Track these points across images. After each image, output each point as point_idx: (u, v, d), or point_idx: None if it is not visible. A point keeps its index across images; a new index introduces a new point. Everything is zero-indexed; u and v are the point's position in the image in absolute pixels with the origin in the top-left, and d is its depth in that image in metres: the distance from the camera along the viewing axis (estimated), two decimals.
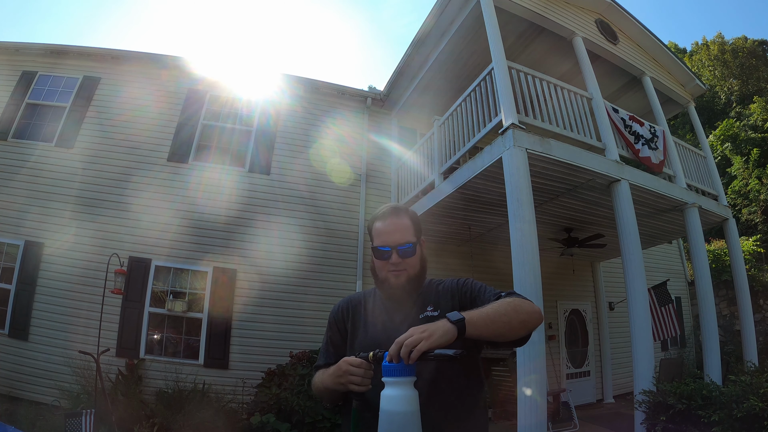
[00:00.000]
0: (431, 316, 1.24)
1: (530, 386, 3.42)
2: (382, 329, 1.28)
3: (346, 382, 1.08)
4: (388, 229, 1.28)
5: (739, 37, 22.36)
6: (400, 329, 1.16)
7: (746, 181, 15.00)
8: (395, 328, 1.22)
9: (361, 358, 1.07)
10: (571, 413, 6.05)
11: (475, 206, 5.67)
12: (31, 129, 6.59)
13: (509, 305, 1.10)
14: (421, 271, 1.33)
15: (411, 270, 1.29)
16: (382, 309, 1.34)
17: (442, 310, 1.25)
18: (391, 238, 1.27)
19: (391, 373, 0.94)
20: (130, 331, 5.71)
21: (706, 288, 5.50)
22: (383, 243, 1.27)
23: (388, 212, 1.32)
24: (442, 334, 0.96)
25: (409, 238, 1.29)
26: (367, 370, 1.07)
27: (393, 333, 1.15)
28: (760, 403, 3.27)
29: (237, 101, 7.20)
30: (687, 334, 9.80)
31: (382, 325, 1.30)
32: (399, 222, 1.30)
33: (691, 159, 6.43)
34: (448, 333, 0.97)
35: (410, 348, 0.92)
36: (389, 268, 1.27)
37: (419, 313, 1.27)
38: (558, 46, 5.80)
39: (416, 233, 1.33)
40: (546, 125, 4.64)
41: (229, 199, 6.50)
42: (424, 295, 1.33)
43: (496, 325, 1.06)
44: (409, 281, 1.28)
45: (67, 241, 5.94)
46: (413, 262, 1.29)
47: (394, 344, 0.95)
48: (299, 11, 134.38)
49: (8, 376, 5.38)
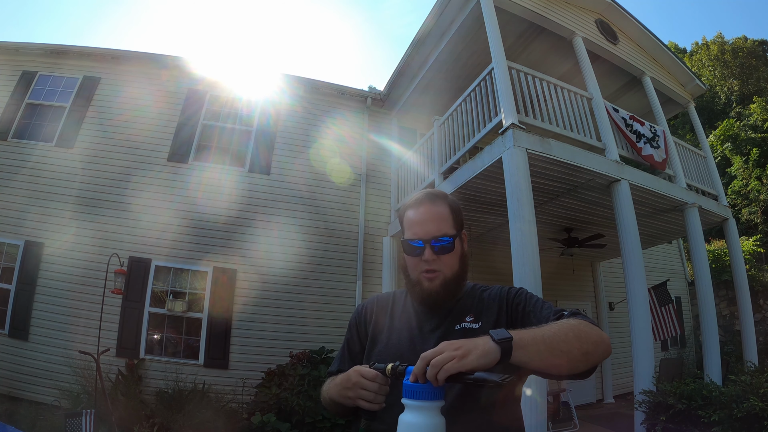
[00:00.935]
0: (470, 328, 1.05)
1: (530, 386, 3.42)
2: (407, 338, 1.09)
3: (355, 397, 0.91)
4: (422, 218, 1.07)
5: (739, 37, 22.37)
6: (428, 340, 1.04)
7: (746, 181, 15.00)
8: (424, 339, 1.06)
9: (377, 370, 0.90)
10: (571, 413, 6.05)
11: (475, 206, 5.67)
12: (31, 129, 6.59)
13: (571, 330, 0.87)
14: (461, 271, 1.11)
15: (448, 270, 1.07)
16: (411, 314, 1.14)
17: (485, 322, 1.06)
18: (424, 230, 1.06)
19: (413, 395, 0.77)
20: (130, 331, 5.71)
21: (706, 288, 5.50)
22: (415, 235, 1.06)
23: (423, 198, 1.10)
24: (481, 355, 0.76)
25: (447, 230, 1.07)
26: (382, 386, 0.89)
27: (420, 344, 1.03)
28: (760, 403, 3.27)
29: (237, 101, 7.20)
30: (687, 334, 9.80)
31: (409, 333, 1.10)
32: (435, 210, 1.08)
33: (691, 159, 6.43)
34: (489, 354, 0.76)
35: (438, 367, 0.74)
36: (422, 267, 1.06)
37: (455, 324, 1.07)
38: (558, 46, 5.80)
39: (456, 225, 1.10)
40: (546, 125, 4.64)
41: (229, 199, 6.50)
42: (463, 302, 1.12)
43: (552, 353, 0.83)
44: (444, 285, 1.06)
45: (67, 241, 5.94)
46: (451, 261, 1.07)
47: (420, 360, 0.77)
48: (299, 11, 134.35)
49: (8, 376, 5.38)
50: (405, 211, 1.13)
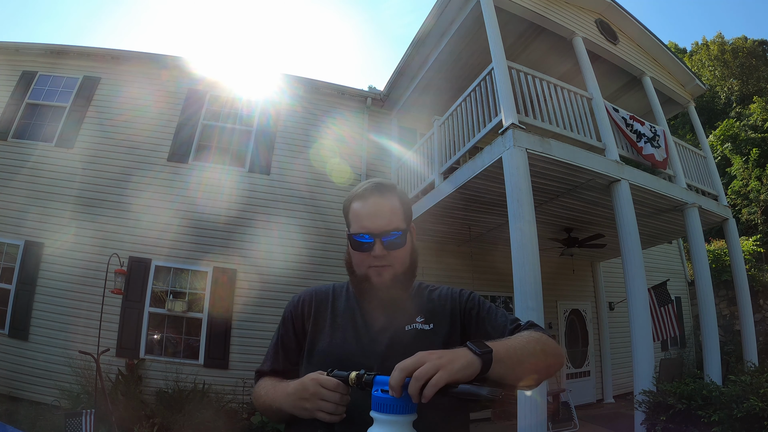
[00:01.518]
0: (422, 329, 1.00)
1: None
2: (353, 338, 1.01)
3: (314, 408, 0.83)
4: (371, 211, 1.00)
5: (739, 37, 22.39)
6: (378, 341, 0.99)
7: (746, 181, 15.00)
8: (372, 339, 1.00)
9: (337, 378, 0.81)
10: (571, 413, 6.05)
11: (475, 206, 5.67)
12: (31, 129, 6.59)
13: (538, 343, 0.86)
14: (411, 267, 1.06)
15: (398, 266, 1.01)
16: (356, 311, 1.05)
17: (437, 324, 1.02)
18: (374, 224, 0.98)
19: (385, 409, 0.70)
20: (130, 331, 5.71)
21: (706, 288, 5.50)
22: (364, 229, 0.99)
23: (371, 189, 1.02)
24: (464, 366, 0.70)
25: (398, 224, 1.00)
26: (343, 396, 0.82)
27: (368, 345, 0.98)
28: (760, 403, 3.27)
29: (237, 101, 7.20)
30: (687, 334, 9.80)
31: (354, 332, 1.02)
32: (385, 203, 1.01)
33: (691, 159, 6.43)
34: (471, 366, 0.72)
35: (423, 380, 0.67)
36: (370, 262, 1.00)
37: (405, 324, 1.01)
38: (558, 46, 5.80)
39: (406, 218, 1.04)
40: (546, 125, 4.63)
41: (229, 199, 6.50)
42: (412, 301, 1.07)
43: (523, 367, 0.81)
44: (394, 280, 1.01)
45: (67, 241, 5.94)
46: (401, 256, 1.02)
47: (397, 371, 0.69)
48: (299, 11, 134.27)
49: (8, 376, 5.38)
50: (351, 203, 1.04)
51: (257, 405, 1.05)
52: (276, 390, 0.97)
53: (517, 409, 3.49)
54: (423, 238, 7.05)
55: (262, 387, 1.04)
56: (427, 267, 7.16)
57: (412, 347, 0.87)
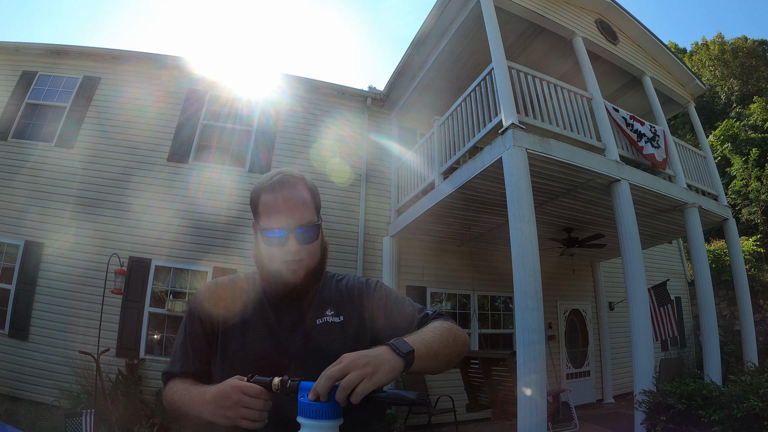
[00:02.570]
0: (332, 322, 1.01)
1: (530, 386, 3.42)
2: (267, 335, 0.99)
3: (236, 416, 0.79)
4: (282, 205, 0.94)
5: (739, 37, 22.39)
6: (292, 337, 0.98)
7: (746, 181, 14.99)
8: (286, 336, 0.99)
9: (259, 384, 0.79)
10: (571, 413, 6.04)
11: (475, 206, 5.66)
12: (31, 129, 6.59)
13: (449, 334, 0.91)
14: (322, 260, 1.03)
15: (311, 260, 0.99)
16: (266, 306, 1.02)
17: (346, 315, 1.02)
18: (286, 218, 0.94)
19: (312, 414, 0.71)
20: (130, 331, 5.71)
21: (706, 288, 5.50)
22: (276, 225, 0.94)
23: (281, 181, 0.96)
24: (389, 371, 0.73)
25: (311, 217, 0.97)
26: (266, 401, 0.79)
27: (283, 341, 0.98)
28: (760, 403, 3.27)
29: (237, 101, 7.20)
30: (687, 334, 9.80)
31: (267, 329, 0.99)
32: (297, 195, 0.96)
33: (691, 159, 6.43)
34: (395, 370, 0.74)
35: (349, 389, 0.69)
36: (283, 257, 0.95)
37: (317, 318, 1.01)
38: (558, 46, 5.80)
39: (317, 210, 1.01)
40: (546, 125, 4.63)
41: (229, 199, 6.50)
42: (321, 294, 1.06)
43: (438, 358, 0.86)
44: (308, 276, 0.98)
45: (67, 241, 5.94)
46: (313, 250, 0.99)
47: (323, 378, 0.70)
48: (299, 11, 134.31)
49: (8, 376, 5.38)
50: (260, 195, 0.97)
51: (171, 410, 0.98)
52: (191, 396, 0.91)
53: (517, 409, 3.49)
54: (423, 238, 7.05)
55: (175, 392, 0.97)
56: (427, 267, 7.16)
57: (325, 342, 0.97)
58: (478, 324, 7.25)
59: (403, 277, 6.92)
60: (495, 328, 7.57)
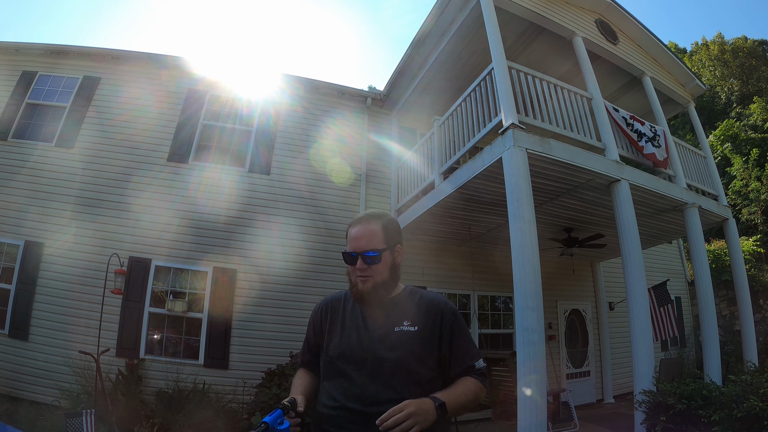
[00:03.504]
0: (407, 331, 1.28)
1: (530, 386, 3.42)
2: (356, 336, 1.31)
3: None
4: (357, 234, 1.31)
5: (739, 37, 22.40)
6: (372, 338, 1.29)
7: (746, 181, 14.99)
8: (369, 338, 1.29)
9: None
10: (571, 413, 6.05)
11: (475, 206, 5.66)
12: (31, 129, 6.59)
13: (473, 395, 1.24)
14: (390, 278, 1.34)
15: (378, 277, 1.31)
16: (358, 314, 1.36)
17: (420, 327, 1.29)
18: (358, 244, 1.30)
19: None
20: (130, 331, 5.71)
21: (706, 288, 5.50)
22: (351, 248, 1.32)
23: (361, 218, 1.36)
24: (430, 422, 1.10)
25: (376, 245, 1.30)
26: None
27: (367, 342, 1.28)
28: (760, 403, 3.27)
29: (237, 101, 7.20)
30: (687, 334, 9.80)
31: (357, 331, 1.32)
32: (369, 228, 1.32)
33: (691, 159, 6.43)
34: (432, 420, 1.12)
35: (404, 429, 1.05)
36: (357, 273, 1.31)
37: (395, 326, 1.29)
38: (558, 46, 5.80)
39: (387, 241, 1.33)
40: (546, 125, 4.63)
41: (229, 199, 6.50)
42: (400, 305, 1.34)
43: (457, 412, 1.22)
44: (375, 288, 1.31)
45: (67, 241, 5.94)
46: (380, 269, 1.31)
47: (389, 413, 1.07)
48: (299, 11, 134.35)
49: (8, 376, 5.38)
50: (349, 228, 1.36)
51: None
52: (293, 388, 1.37)
53: (517, 409, 3.49)
54: (423, 238, 7.05)
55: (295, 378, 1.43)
56: (427, 267, 7.16)
57: (397, 346, 1.26)
58: (478, 324, 7.25)
59: (403, 277, 6.68)
60: (495, 328, 7.57)
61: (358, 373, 1.24)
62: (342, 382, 1.26)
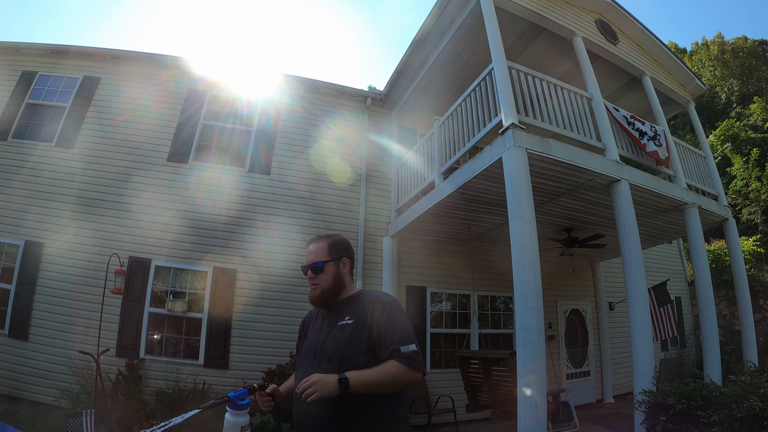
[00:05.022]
0: (346, 324, 1.53)
1: (530, 386, 3.42)
2: (315, 336, 1.61)
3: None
4: (309, 251, 1.66)
5: (739, 37, 22.38)
6: (322, 335, 1.58)
7: (746, 181, 15.00)
8: (321, 335, 1.58)
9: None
10: (571, 413, 6.04)
11: (475, 206, 5.66)
12: (31, 129, 6.59)
13: (389, 375, 1.39)
14: (334, 286, 1.62)
15: (323, 284, 1.61)
16: (322, 316, 1.67)
17: (356, 319, 1.52)
18: (308, 258, 1.65)
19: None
20: (130, 331, 5.71)
21: (706, 288, 5.50)
22: (305, 262, 1.66)
23: (313, 238, 1.71)
24: (329, 391, 1.32)
25: (320, 258, 1.62)
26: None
27: (319, 339, 1.57)
28: (760, 403, 3.26)
29: (237, 101, 7.20)
30: (687, 334, 9.80)
31: (316, 332, 1.62)
32: (317, 245, 1.66)
33: (691, 159, 6.43)
34: (332, 391, 1.33)
35: (306, 395, 1.32)
36: (310, 282, 1.63)
37: (338, 321, 1.56)
38: (558, 46, 5.79)
39: (331, 254, 1.63)
40: (546, 125, 4.63)
41: (229, 199, 6.50)
42: (348, 305, 1.60)
43: (372, 389, 1.39)
44: (322, 294, 1.61)
45: (67, 241, 5.94)
46: (325, 278, 1.61)
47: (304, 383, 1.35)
48: (299, 11, 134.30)
49: (8, 376, 5.38)
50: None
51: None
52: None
53: (517, 409, 3.49)
54: (423, 238, 7.05)
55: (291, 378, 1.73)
56: (427, 267, 7.16)
57: (336, 337, 1.52)
58: (478, 324, 7.25)
59: (403, 277, 6.92)
60: (495, 328, 7.57)
61: (309, 364, 1.52)
62: (300, 374, 1.52)
